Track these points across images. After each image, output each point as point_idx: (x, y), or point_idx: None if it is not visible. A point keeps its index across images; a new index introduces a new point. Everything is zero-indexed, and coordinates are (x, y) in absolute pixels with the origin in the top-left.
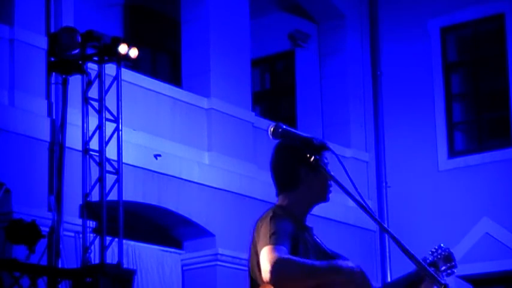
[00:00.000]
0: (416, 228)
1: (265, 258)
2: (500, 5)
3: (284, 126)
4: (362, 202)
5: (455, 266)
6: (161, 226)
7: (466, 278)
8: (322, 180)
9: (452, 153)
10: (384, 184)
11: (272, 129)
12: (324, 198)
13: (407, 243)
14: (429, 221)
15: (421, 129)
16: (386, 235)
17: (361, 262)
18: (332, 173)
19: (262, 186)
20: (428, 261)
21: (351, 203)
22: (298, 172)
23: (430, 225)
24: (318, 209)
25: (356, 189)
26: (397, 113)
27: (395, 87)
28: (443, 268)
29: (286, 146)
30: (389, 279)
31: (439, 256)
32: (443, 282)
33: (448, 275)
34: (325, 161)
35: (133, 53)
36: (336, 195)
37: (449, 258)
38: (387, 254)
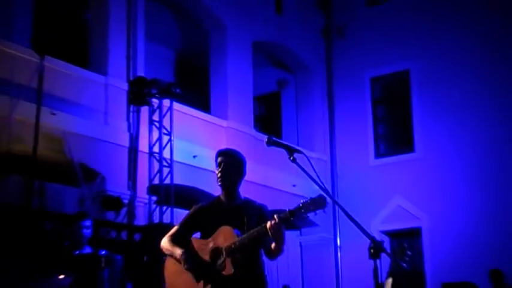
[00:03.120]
0: (356, 202)
1: None
2: (407, 63)
3: (274, 138)
4: (322, 185)
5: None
6: (194, 199)
7: (385, 233)
8: None
9: (378, 155)
10: (336, 175)
11: (267, 139)
12: None
13: (349, 211)
14: (364, 198)
15: (359, 140)
16: (336, 206)
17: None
18: (302, 166)
19: (259, 176)
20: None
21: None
22: None
23: (364, 200)
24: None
25: (318, 177)
26: (345, 131)
27: (344, 115)
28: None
29: None
30: (338, 235)
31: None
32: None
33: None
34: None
35: (179, 92)
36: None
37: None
38: (337, 219)
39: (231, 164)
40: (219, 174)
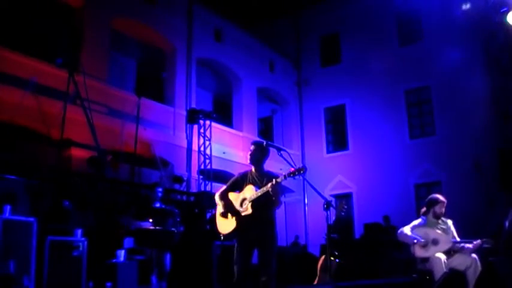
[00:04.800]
0: (316, 178)
1: None
2: (344, 100)
3: (269, 142)
4: (295, 167)
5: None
6: (224, 177)
7: (332, 195)
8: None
9: (328, 151)
10: (304, 163)
11: (265, 143)
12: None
13: (312, 184)
14: (320, 176)
15: (317, 143)
16: (305, 181)
17: (297, 191)
18: (285, 158)
19: None
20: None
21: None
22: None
23: (320, 177)
24: (283, 170)
25: (294, 164)
26: (309, 138)
27: (309, 128)
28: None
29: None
30: (306, 197)
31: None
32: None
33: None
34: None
35: (215, 116)
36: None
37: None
38: (305, 188)
39: (254, 150)
40: (249, 157)
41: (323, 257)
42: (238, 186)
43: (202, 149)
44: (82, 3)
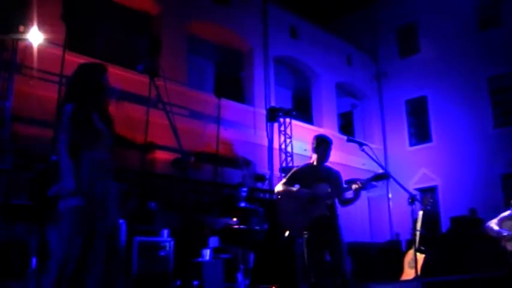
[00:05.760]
0: (398, 172)
1: None
2: (425, 91)
3: (350, 137)
4: (379, 162)
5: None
6: None
7: (417, 189)
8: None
9: (410, 145)
10: (387, 157)
11: (346, 138)
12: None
13: (394, 177)
14: (403, 172)
15: (399, 137)
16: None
17: (379, 185)
18: (368, 153)
19: (343, 159)
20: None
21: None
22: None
23: (404, 173)
24: (366, 165)
25: (377, 159)
26: (391, 132)
27: (390, 122)
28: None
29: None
30: (389, 191)
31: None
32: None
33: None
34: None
35: (295, 114)
36: None
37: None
38: (388, 182)
39: (324, 145)
40: (324, 152)
41: (409, 252)
42: (299, 180)
43: (283, 146)
44: (159, 10)
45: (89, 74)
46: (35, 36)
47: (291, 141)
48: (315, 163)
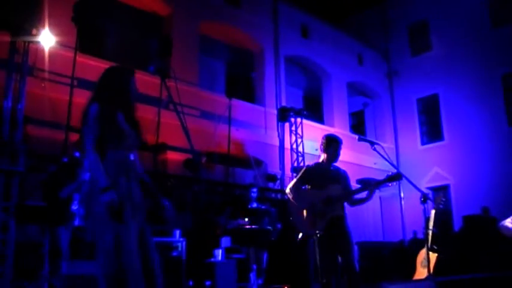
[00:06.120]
0: (410, 171)
1: None
2: (436, 89)
3: (361, 137)
4: (390, 161)
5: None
6: None
7: (429, 188)
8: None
9: (422, 144)
10: (398, 156)
11: (358, 138)
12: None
13: (406, 176)
14: (415, 170)
15: (411, 136)
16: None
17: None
18: (379, 152)
19: (354, 158)
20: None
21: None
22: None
23: (416, 172)
24: (378, 164)
25: (389, 158)
26: (402, 131)
27: (402, 121)
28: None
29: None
30: (402, 190)
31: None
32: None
33: None
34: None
35: (305, 113)
36: None
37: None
38: (400, 182)
39: (334, 145)
40: (334, 152)
41: (422, 251)
42: (310, 180)
43: (294, 146)
44: (170, 11)
45: (117, 77)
46: (46, 39)
47: (302, 141)
48: (324, 163)
